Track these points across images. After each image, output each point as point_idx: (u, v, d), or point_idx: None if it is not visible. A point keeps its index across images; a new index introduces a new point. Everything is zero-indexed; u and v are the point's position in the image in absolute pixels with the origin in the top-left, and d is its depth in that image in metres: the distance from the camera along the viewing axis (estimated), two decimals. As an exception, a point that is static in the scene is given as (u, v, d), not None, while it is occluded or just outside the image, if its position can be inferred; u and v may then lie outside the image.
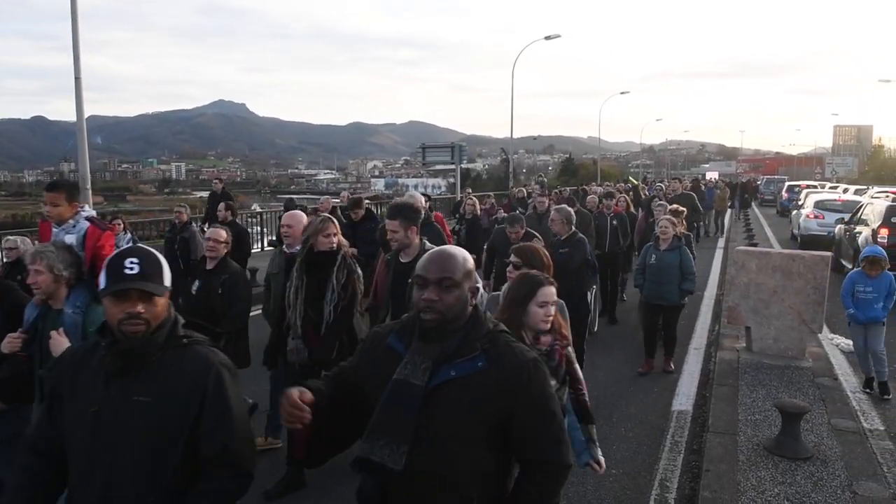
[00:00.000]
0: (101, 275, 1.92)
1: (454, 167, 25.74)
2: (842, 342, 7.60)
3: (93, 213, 4.36)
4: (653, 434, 5.33)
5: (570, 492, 4.34)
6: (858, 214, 12.47)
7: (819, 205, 17.71)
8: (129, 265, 1.88)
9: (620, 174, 66.40)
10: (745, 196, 29.10)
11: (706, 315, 9.44)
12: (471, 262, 1.95)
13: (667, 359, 6.93)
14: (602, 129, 48.91)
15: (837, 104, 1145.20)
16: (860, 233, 11.49)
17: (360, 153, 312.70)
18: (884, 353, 5.96)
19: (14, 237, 6.46)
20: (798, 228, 18.09)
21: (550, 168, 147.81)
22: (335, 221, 4.25)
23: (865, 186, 30.41)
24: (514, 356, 1.89)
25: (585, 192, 14.25)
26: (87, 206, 4.44)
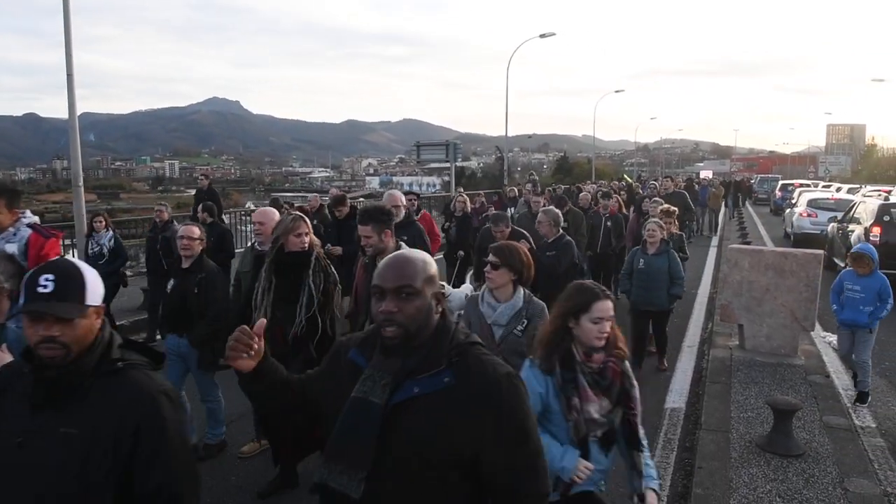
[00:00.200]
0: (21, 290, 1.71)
1: (449, 165, 25.73)
2: (834, 340, 7.61)
3: (35, 220, 4.13)
4: (646, 431, 5.31)
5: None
6: (851, 213, 12.53)
7: (812, 203, 17.79)
8: (43, 283, 1.67)
9: (615, 173, 66.47)
10: (739, 195, 29.05)
11: (699, 313, 9.47)
12: (433, 267, 1.76)
13: (660, 358, 6.89)
14: (597, 128, 49.10)
15: (831, 103, 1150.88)
16: (853, 231, 11.54)
17: (355, 151, 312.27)
18: (869, 364, 5.79)
19: None
20: (791, 227, 18.17)
21: (545, 166, 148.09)
22: (307, 221, 4.08)
23: (858, 185, 30.55)
24: (486, 371, 1.68)
25: (579, 191, 14.22)
26: (28, 213, 4.15)
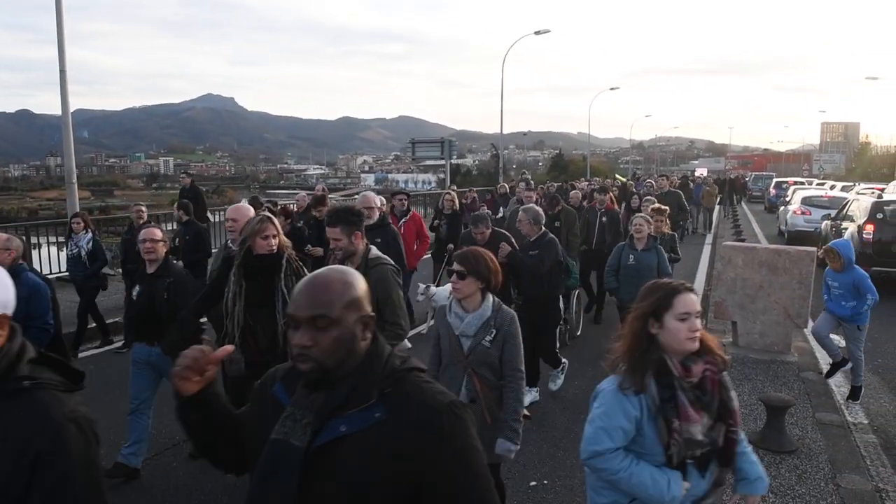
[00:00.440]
0: None
1: (444, 163, 25.73)
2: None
3: None
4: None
5: (558, 486, 4.37)
6: (844, 210, 12.58)
7: (806, 201, 17.86)
8: None
9: (610, 170, 66.63)
10: (734, 193, 29.03)
11: (694, 310, 9.49)
12: (357, 289, 1.53)
13: None
14: (592, 126, 49.11)
15: (825, 101, 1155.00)
16: (846, 229, 11.59)
17: (350, 148, 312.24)
18: (861, 360, 5.81)
19: None
20: (785, 224, 18.23)
21: (540, 164, 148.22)
22: (275, 222, 3.91)
23: (852, 183, 30.67)
24: (425, 401, 1.47)
25: (572, 188, 14.16)
26: None
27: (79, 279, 7.67)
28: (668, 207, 8.44)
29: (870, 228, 10.70)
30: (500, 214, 11.65)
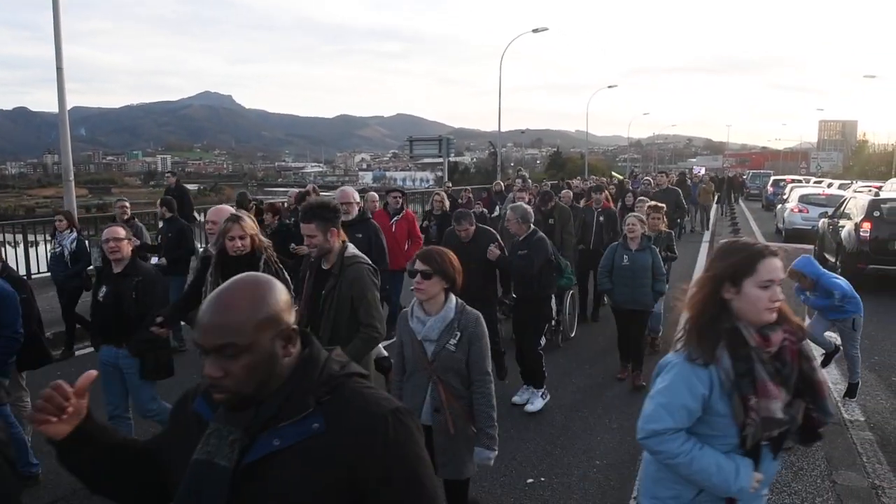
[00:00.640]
0: None
1: (442, 160, 25.72)
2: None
3: None
4: (637, 425, 5.35)
5: (555, 482, 4.38)
6: (842, 208, 12.59)
7: (803, 199, 17.88)
8: None
9: (608, 168, 66.63)
10: (732, 191, 28.80)
11: (691, 308, 9.51)
12: (273, 300, 1.33)
13: (636, 373, 6.26)
14: (589, 123, 49.13)
15: (823, 100, 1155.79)
16: (843, 226, 11.60)
17: (348, 146, 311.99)
18: (857, 357, 5.70)
19: None
20: (783, 222, 18.26)
21: (538, 162, 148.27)
22: (244, 222, 3.82)
23: (849, 181, 30.72)
24: (365, 409, 1.35)
25: (568, 186, 14.08)
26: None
27: (60, 279, 7.44)
28: (666, 205, 8.34)
29: (867, 226, 10.71)
30: (496, 213, 11.63)
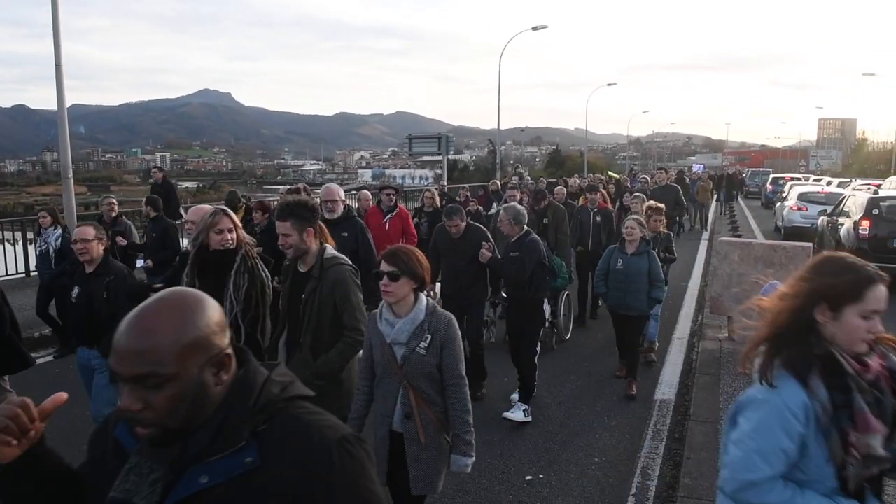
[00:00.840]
0: None
1: (441, 158, 25.70)
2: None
3: None
4: (635, 423, 5.38)
5: (553, 480, 4.39)
6: (841, 206, 12.60)
7: (803, 197, 17.89)
8: None
9: (607, 166, 66.62)
10: (731, 189, 28.57)
11: (690, 305, 9.52)
12: (202, 321, 1.18)
13: (629, 381, 6.05)
14: (589, 121, 48.98)
15: (822, 98, 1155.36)
16: (842, 224, 11.61)
17: (348, 144, 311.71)
18: None
19: None
20: (782, 220, 18.27)
21: (538, 160, 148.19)
22: (231, 215, 3.67)
23: (849, 179, 30.71)
24: (308, 439, 1.19)
25: (565, 184, 13.92)
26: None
27: (46, 277, 7.17)
28: (665, 203, 8.23)
29: (866, 224, 10.72)
30: (493, 211, 11.62)
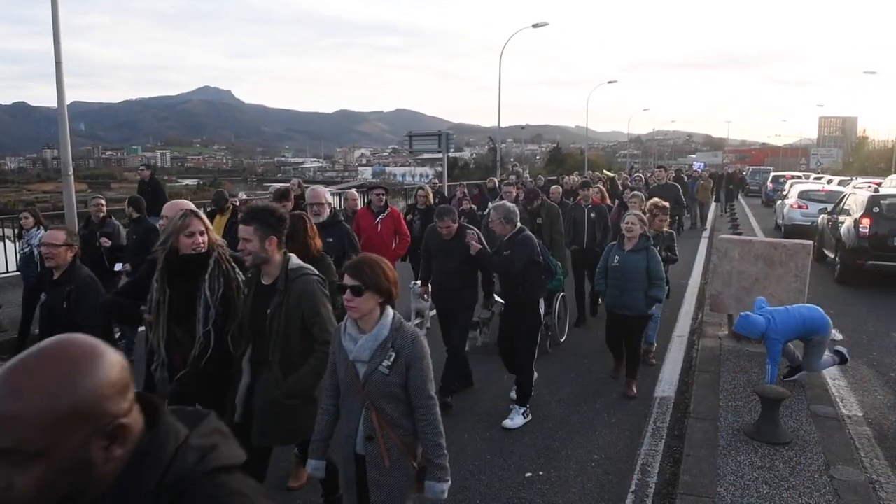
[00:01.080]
0: None
1: (442, 156, 25.68)
2: (822, 330, 7.69)
3: None
4: (635, 420, 5.38)
5: (553, 477, 4.39)
6: (841, 204, 12.59)
7: (803, 195, 17.87)
8: None
9: (608, 164, 66.47)
10: (731, 188, 28.44)
11: (690, 303, 9.52)
12: (94, 380, 0.96)
13: (629, 381, 5.96)
14: (589, 119, 48.93)
15: (823, 96, 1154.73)
16: (843, 223, 11.61)
17: (348, 141, 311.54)
18: (816, 372, 5.88)
19: None
20: (782, 218, 18.26)
21: (538, 157, 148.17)
22: (202, 217, 3.51)
23: (849, 177, 30.69)
24: None
25: (559, 182, 13.65)
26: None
27: (31, 280, 6.63)
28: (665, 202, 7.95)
29: (866, 222, 10.72)
30: (489, 209, 11.51)
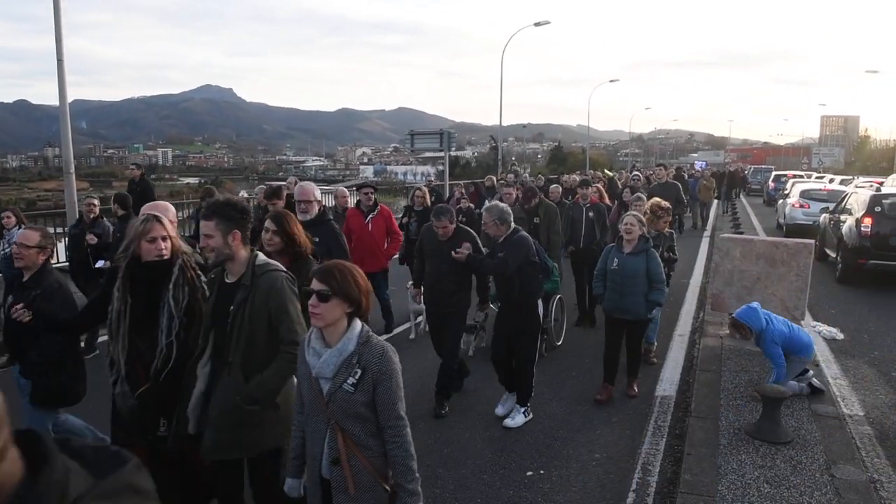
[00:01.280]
0: None
1: (443, 154, 25.67)
2: (823, 329, 7.69)
3: None
4: (636, 419, 5.38)
5: (554, 475, 4.39)
6: (843, 204, 12.58)
7: (805, 194, 17.84)
8: None
9: (610, 163, 66.43)
10: (734, 187, 28.37)
11: (691, 302, 9.51)
12: None
13: (630, 381, 5.91)
14: (591, 118, 48.90)
15: (825, 95, 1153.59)
16: (844, 222, 11.60)
17: (349, 140, 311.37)
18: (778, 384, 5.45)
19: None
20: (784, 218, 18.24)
21: (540, 156, 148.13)
22: (164, 221, 3.35)
23: (851, 177, 30.65)
24: None
25: (559, 181, 13.49)
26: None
27: (10, 280, 6.49)
28: (666, 202, 7.84)
29: (868, 221, 10.71)
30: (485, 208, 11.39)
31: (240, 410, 2.91)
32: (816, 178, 27.73)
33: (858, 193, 12.39)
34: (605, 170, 26.80)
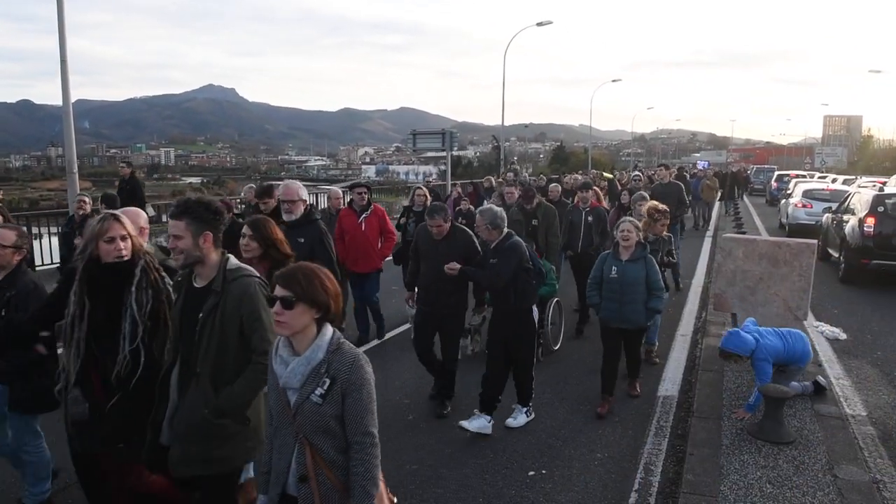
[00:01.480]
0: None
1: (445, 154, 25.67)
2: (826, 329, 7.69)
3: None
4: (639, 419, 5.38)
5: (556, 475, 4.39)
6: (846, 203, 12.56)
7: (807, 194, 17.82)
8: None
9: (612, 162, 66.39)
10: (736, 186, 28.27)
11: (693, 302, 9.51)
12: None
13: (632, 381, 5.89)
14: (594, 118, 48.96)
15: (828, 95, 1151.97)
16: (847, 222, 11.58)
17: (351, 139, 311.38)
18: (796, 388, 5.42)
19: None
20: (786, 217, 18.22)
21: (542, 156, 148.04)
22: (123, 220, 3.16)
23: (854, 176, 30.60)
24: None
25: (559, 181, 13.17)
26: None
27: None
28: (668, 202, 7.93)
29: (871, 221, 10.69)
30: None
31: (208, 424, 2.76)
32: (819, 178, 27.69)
33: (861, 193, 12.37)
34: (605, 173, 26.69)
